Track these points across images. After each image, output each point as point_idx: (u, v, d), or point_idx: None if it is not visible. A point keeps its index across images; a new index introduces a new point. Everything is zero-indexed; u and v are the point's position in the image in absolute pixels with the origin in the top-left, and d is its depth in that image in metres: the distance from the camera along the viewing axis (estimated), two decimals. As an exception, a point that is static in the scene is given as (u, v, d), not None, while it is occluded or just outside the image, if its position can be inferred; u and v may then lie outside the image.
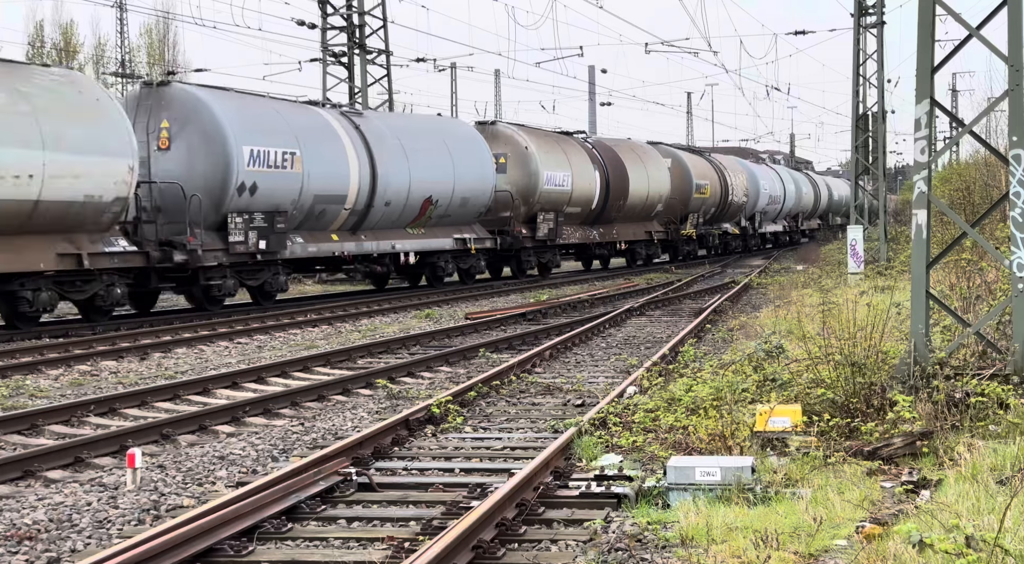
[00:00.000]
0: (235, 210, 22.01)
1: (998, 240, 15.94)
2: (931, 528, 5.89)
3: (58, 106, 18.63)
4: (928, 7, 9.80)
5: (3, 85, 17.99)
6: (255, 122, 22.92)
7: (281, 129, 23.45)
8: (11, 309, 18.52)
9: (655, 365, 13.17)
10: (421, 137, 28.35)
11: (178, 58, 65.55)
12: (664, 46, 47.34)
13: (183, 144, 21.89)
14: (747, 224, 51.38)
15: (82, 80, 20.33)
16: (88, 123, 19.02)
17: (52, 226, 18.42)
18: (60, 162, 18.28)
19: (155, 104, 22.21)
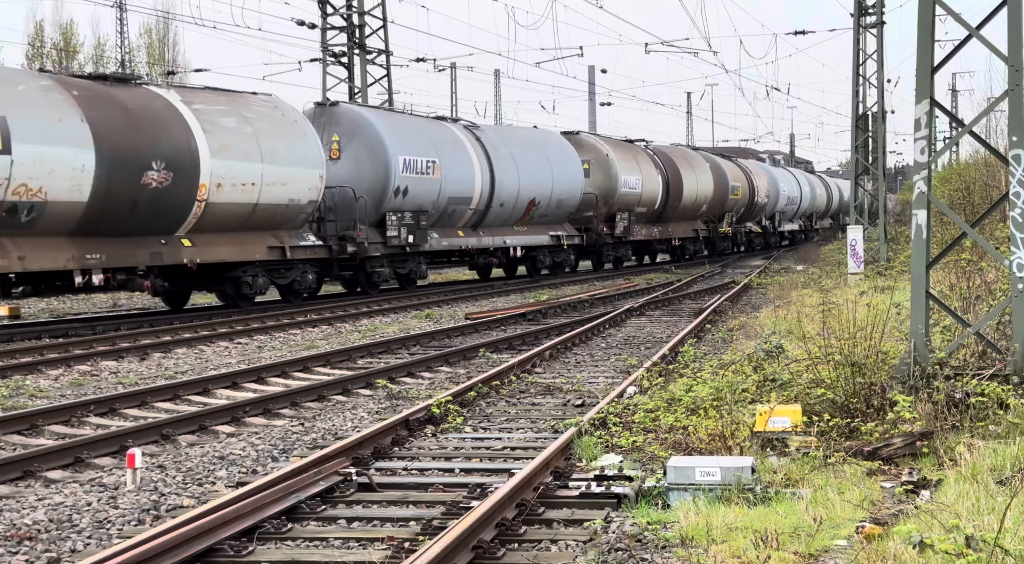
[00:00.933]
0: (391, 209, 26.86)
1: (998, 240, 15.94)
2: (931, 528, 5.89)
3: (270, 127, 23.38)
4: (928, 7, 9.80)
5: (233, 112, 22.63)
6: (405, 135, 27.85)
7: (424, 141, 28.30)
8: (236, 291, 23.46)
9: (655, 365, 13.17)
10: (526, 147, 32.93)
11: (178, 58, 65.60)
12: (664, 46, 47.40)
13: (351, 155, 26.65)
14: (768, 223, 55.57)
15: (283, 105, 25.00)
16: (290, 140, 23.85)
17: (264, 224, 23.34)
18: (273, 172, 23.01)
19: (327, 121, 26.81)
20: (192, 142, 21.29)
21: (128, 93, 20.95)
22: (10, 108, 18.03)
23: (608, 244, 37.79)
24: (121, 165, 19.76)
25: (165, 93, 21.95)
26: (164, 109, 21.24)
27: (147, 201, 20.34)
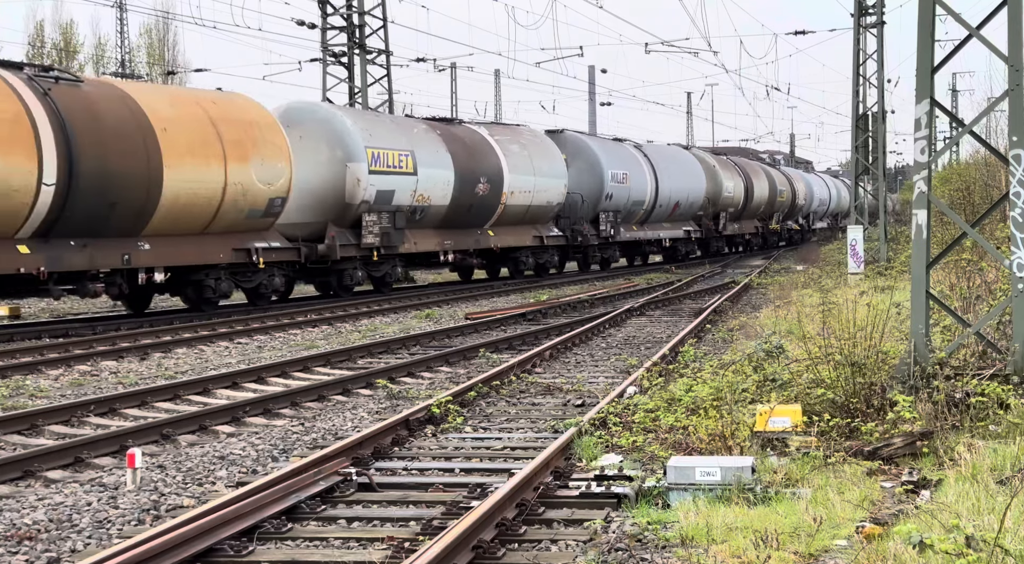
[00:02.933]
0: (602, 210, 36.89)
1: (998, 240, 15.94)
2: (931, 528, 5.89)
3: (535, 150, 33.65)
4: (928, 7, 9.80)
5: (515, 140, 33.16)
6: (609, 154, 38.00)
7: (622, 157, 38.94)
8: (515, 267, 33.81)
9: (655, 365, 13.17)
10: (670, 161, 42.97)
11: (178, 58, 65.58)
12: (664, 46, 47.47)
13: (575, 169, 35.79)
14: (803, 222, 64.46)
15: (538, 132, 35.91)
16: (547, 159, 34.05)
17: (531, 220, 33.46)
18: (540, 183, 33.25)
19: (558, 144, 35.82)
20: (498, 163, 31.28)
21: (462, 130, 31.43)
22: (415, 145, 27.93)
23: (714, 237, 47.87)
24: (465, 180, 29.44)
25: (479, 129, 32.46)
26: (482, 141, 31.43)
27: (477, 204, 30.30)
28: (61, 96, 18.96)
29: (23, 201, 18.03)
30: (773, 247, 56.31)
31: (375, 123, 27.67)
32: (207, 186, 21.34)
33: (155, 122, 20.50)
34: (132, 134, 19.99)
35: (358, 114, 28.49)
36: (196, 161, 21.12)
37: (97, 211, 19.34)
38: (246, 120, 22.84)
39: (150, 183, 20.17)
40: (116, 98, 20.26)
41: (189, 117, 21.45)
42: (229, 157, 21.79)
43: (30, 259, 18.37)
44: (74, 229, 19.13)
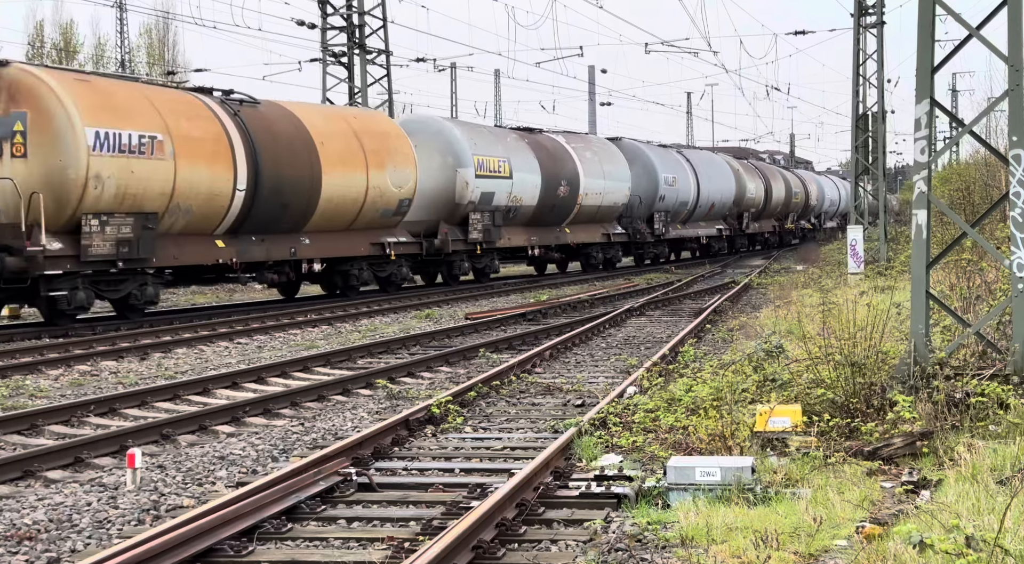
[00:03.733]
0: (656, 210, 40.77)
1: (998, 240, 15.94)
2: (931, 528, 5.89)
3: (604, 156, 37.96)
4: (928, 7, 9.80)
5: (588, 148, 37.20)
6: (662, 158, 42.21)
7: (671, 162, 43.05)
8: (586, 261, 37.99)
9: (655, 365, 13.16)
10: (708, 165, 46.94)
11: (178, 58, 65.58)
12: (664, 46, 47.49)
13: (633, 172, 39.32)
14: (815, 221, 68.34)
15: (604, 140, 40.77)
16: (614, 165, 38.33)
17: (600, 219, 37.90)
18: (608, 186, 37.30)
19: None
20: (575, 168, 35.31)
21: (544, 139, 35.48)
22: (510, 153, 31.98)
23: (739, 235, 51.77)
24: (549, 183, 33.53)
25: (557, 137, 36.72)
26: (561, 148, 35.66)
27: (558, 205, 34.51)
28: (247, 116, 22.91)
29: (223, 204, 21.81)
30: (787, 244, 60.37)
31: (478, 133, 31.63)
32: (353, 189, 25.29)
33: (315, 136, 24.32)
34: (299, 147, 23.83)
35: (465, 126, 32.14)
36: (345, 169, 24.96)
37: (274, 211, 23.10)
38: (381, 132, 26.83)
39: (312, 188, 24.00)
40: (285, 116, 24.20)
41: (339, 131, 25.39)
42: (370, 165, 25.73)
43: (225, 251, 22.16)
44: (255, 227, 22.90)
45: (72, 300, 19.11)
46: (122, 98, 20.32)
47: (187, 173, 20.85)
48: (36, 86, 19.07)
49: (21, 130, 18.87)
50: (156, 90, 22.22)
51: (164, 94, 22.00)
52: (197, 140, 21.20)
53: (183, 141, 20.84)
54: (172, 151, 20.57)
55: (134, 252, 19.72)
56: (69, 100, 19.05)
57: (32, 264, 18.18)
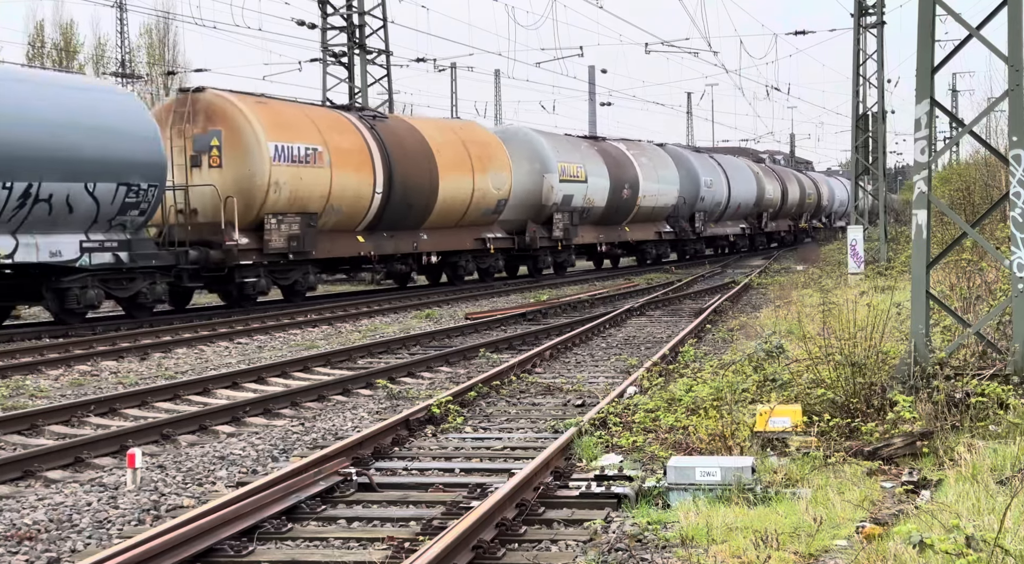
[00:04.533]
0: (697, 210, 44.88)
1: (998, 240, 15.94)
2: (931, 528, 5.89)
3: (657, 162, 42.05)
4: (928, 7, 9.80)
5: (642, 153, 41.40)
6: (702, 162, 46.49)
7: (708, 165, 47.23)
8: (641, 256, 42.47)
9: (655, 365, 13.17)
10: (735, 168, 50.74)
11: (178, 58, 65.52)
12: (664, 46, 47.49)
13: (679, 176, 43.25)
14: (826, 220, 71.85)
15: (654, 146, 44.38)
16: (664, 168, 42.44)
17: (653, 218, 41.74)
18: (661, 188, 41.54)
19: None
20: (635, 172, 39.35)
21: (608, 146, 39.55)
22: (585, 159, 35.96)
23: (759, 233, 55.39)
24: (615, 187, 37.60)
25: (618, 144, 40.67)
26: (623, 154, 39.57)
27: (621, 206, 38.42)
28: (380, 129, 26.91)
29: (364, 205, 25.82)
30: (801, 242, 63.00)
31: (559, 142, 36.05)
32: (462, 191, 29.27)
33: (432, 146, 28.35)
34: (420, 155, 27.80)
35: (549, 135, 36.21)
36: (456, 173, 28.95)
37: (402, 211, 27.05)
38: (482, 141, 31.04)
39: (431, 190, 28.01)
40: (407, 129, 28.50)
41: (450, 141, 29.46)
42: (475, 170, 29.77)
43: (364, 246, 26.23)
44: (387, 224, 26.86)
45: (256, 286, 23.20)
46: (289, 116, 24.35)
47: (340, 179, 24.75)
48: (228, 108, 22.95)
49: (217, 145, 22.71)
50: (312, 108, 26.22)
51: (318, 112, 26.07)
52: (346, 151, 25.14)
53: (336, 152, 24.78)
54: (329, 160, 24.53)
55: (300, 246, 23.52)
56: (255, 119, 22.97)
57: (229, 256, 22.17)
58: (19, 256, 18.31)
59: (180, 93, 23.90)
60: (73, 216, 19.15)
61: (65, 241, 19.12)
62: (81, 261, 19.29)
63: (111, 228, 19.98)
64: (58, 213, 18.85)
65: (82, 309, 19.87)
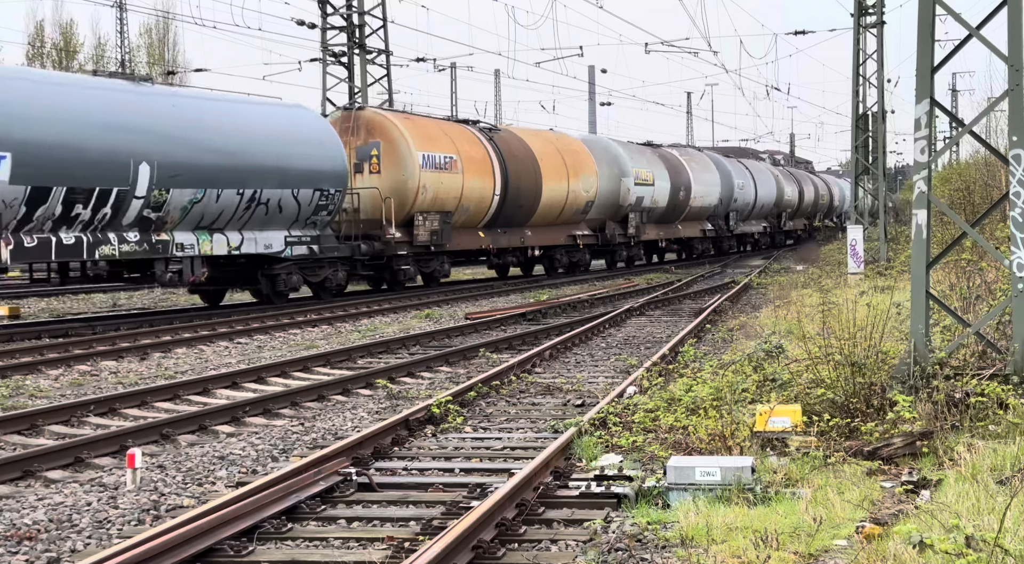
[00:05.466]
0: (730, 210, 48.53)
1: (998, 240, 15.93)
2: (931, 528, 5.89)
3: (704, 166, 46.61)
4: (928, 7, 9.80)
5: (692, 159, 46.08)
6: (735, 167, 51.05)
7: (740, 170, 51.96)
8: (690, 253, 47.22)
9: (655, 365, 13.17)
10: (759, 171, 55.57)
11: (178, 58, 65.58)
12: (664, 46, 47.48)
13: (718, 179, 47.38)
14: (837, 220, 75.94)
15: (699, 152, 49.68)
16: (709, 172, 46.44)
17: (699, 217, 46.23)
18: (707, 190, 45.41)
19: None
20: (688, 176, 43.89)
21: (666, 152, 43.88)
22: (652, 165, 40.71)
23: (778, 231, 59.50)
24: (674, 189, 42.04)
25: (672, 151, 45.22)
26: (677, 160, 43.77)
27: (678, 206, 42.89)
28: (497, 140, 31.96)
29: (486, 205, 30.62)
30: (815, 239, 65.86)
31: (632, 149, 40.69)
32: (559, 194, 34.03)
33: (536, 154, 33.29)
34: (528, 162, 32.61)
35: (624, 144, 40.66)
36: (555, 178, 33.76)
37: (514, 210, 32.02)
38: (574, 150, 36.06)
39: (536, 192, 32.81)
40: (517, 139, 33.38)
41: (549, 150, 34.34)
42: (570, 175, 34.59)
43: (484, 240, 31.10)
44: (501, 222, 31.74)
45: (407, 273, 28.02)
46: (431, 129, 29.19)
47: (469, 183, 29.42)
48: (385, 123, 27.83)
49: (376, 154, 27.46)
50: (445, 123, 31.19)
51: (448, 125, 31.06)
52: (474, 159, 29.89)
53: (467, 160, 29.45)
54: (461, 167, 29.12)
55: (439, 239, 28.06)
56: (407, 132, 27.74)
57: (388, 247, 26.95)
58: (243, 248, 22.86)
59: (344, 110, 28.51)
60: (281, 216, 23.59)
61: (274, 236, 23.60)
62: (286, 252, 23.90)
63: (306, 226, 24.53)
64: (271, 214, 23.28)
65: (286, 291, 24.59)
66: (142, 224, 20.60)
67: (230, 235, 22.49)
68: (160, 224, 20.98)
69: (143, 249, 20.70)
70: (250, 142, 22.62)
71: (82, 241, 19.58)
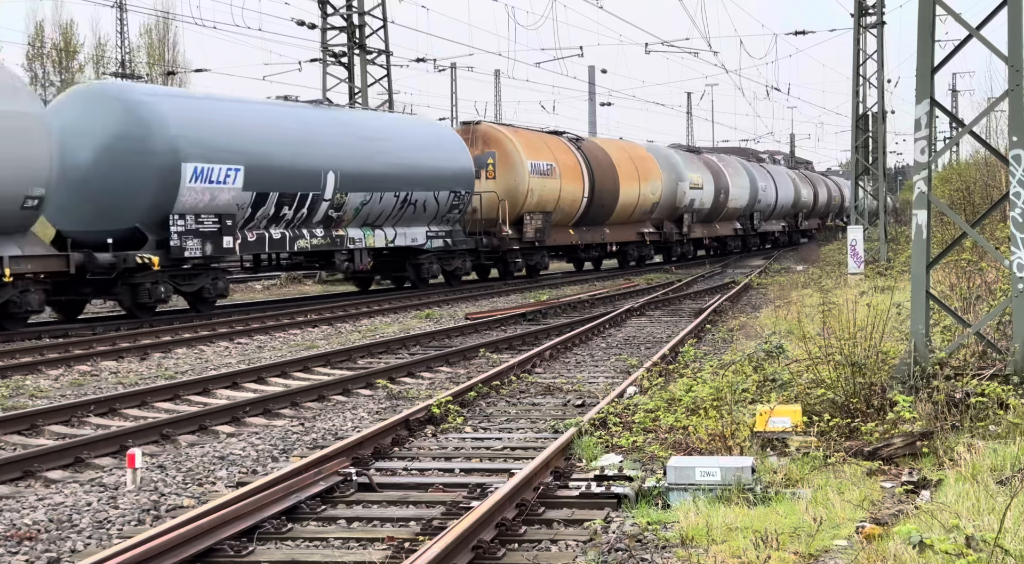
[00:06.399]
0: (755, 211, 52.79)
1: (998, 240, 15.93)
2: (931, 528, 5.89)
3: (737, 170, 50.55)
4: (928, 7, 9.80)
5: (728, 165, 49.30)
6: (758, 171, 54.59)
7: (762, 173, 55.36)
8: (723, 249, 50.60)
9: (655, 365, 13.16)
10: (779, 174, 58.83)
11: (178, 58, 65.56)
12: (664, 46, 47.50)
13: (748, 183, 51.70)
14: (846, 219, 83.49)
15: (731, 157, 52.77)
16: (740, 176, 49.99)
17: (732, 217, 49.76)
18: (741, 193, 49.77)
19: None
20: (726, 180, 47.53)
21: (707, 158, 47.71)
22: (700, 170, 45.32)
23: (795, 230, 62.91)
24: (717, 192, 46.39)
25: (712, 156, 49.41)
26: (717, 165, 47.50)
27: (718, 207, 46.85)
28: (583, 148, 36.69)
29: (576, 206, 35.12)
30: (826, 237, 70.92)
31: (684, 156, 45.17)
32: (632, 196, 38.59)
33: (615, 161, 37.75)
34: (608, 168, 37.06)
35: (680, 152, 45.42)
36: (629, 182, 38.33)
37: (597, 211, 36.57)
38: (642, 157, 40.46)
39: (614, 195, 37.33)
40: (599, 148, 38.13)
41: (624, 157, 38.80)
42: (640, 180, 39.07)
43: (574, 237, 35.66)
44: (587, 221, 36.32)
45: (517, 265, 32.88)
46: (534, 140, 33.80)
47: (565, 186, 33.90)
48: (499, 136, 32.43)
49: (492, 162, 31.84)
50: (542, 134, 35.62)
51: (546, 136, 35.43)
52: (568, 166, 34.38)
53: (563, 166, 34.00)
54: (559, 173, 33.61)
55: (541, 236, 32.76)
56: (518, 144, 32.34)
57: (503, 242, 31.52)
58: (396, 242, 27.51)
59: (463, 125, 33.11)
60: (424, 214, 28.33)
61: (418, 231, 28.39)
62: (427, 245, 28.70)
63: (442, 222, 29.28)
64: (417, 212, 28.01)
65: (427, 277, 29.09)
66: (326, 222, 25.10)
67: (387, 230, 27.28)
68: (338, 222, 25.52)
69: (327, 242, 25.16)
70: (404, 153, 27.48)
71: (285, 236, 24.03)
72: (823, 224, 70.90)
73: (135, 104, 20.99)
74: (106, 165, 20.47)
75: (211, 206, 21.68)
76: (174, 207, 20.89)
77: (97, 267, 19.78)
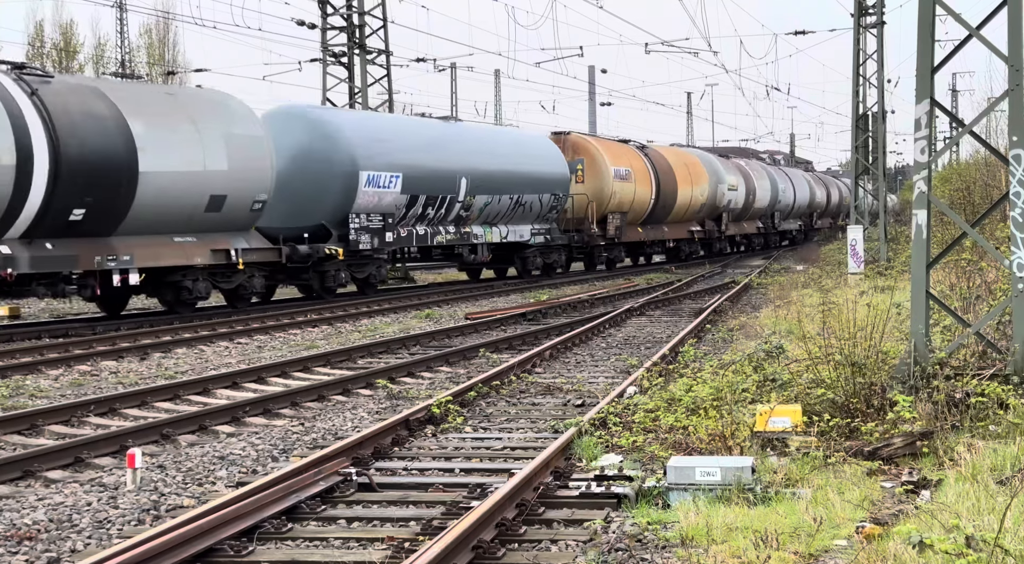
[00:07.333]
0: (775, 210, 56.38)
1: (998, 240, 15.93)
2: (931, 528, 5.89)
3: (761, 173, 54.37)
4: (928, 7, 9.80)
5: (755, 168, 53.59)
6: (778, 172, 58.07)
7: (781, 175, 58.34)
8: (748, 245, 55.62)
9: (655, 365, 13.16)
10: (796, 176, 62.29)
11: (178, 58, 65.50)
12: (664, 46, 47.53)
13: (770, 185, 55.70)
14: None
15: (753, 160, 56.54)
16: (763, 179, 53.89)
17: (754, 217, 53.87)
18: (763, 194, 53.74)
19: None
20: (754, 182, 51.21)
21: (738, 162, 49.98)
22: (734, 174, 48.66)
23: (809, 228, 65.79)
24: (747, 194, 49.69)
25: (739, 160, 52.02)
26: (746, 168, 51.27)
27: (747, 207, 50.61)
28: (649, 154, 41.03)
29: (645, 207, 39.61)
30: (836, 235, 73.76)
31: (722, 161, 48.77)
32: (686, 198, 42.76)
33: (673, 165, 41.91)
34: (669, 172, 41.41)
35: (719, 157, 49.19)
36: (683, 185, 42.50)
37: (660, 211, 41.04)
38: (692, 162, 44.54)
39: (673, 197, 41.60)
40: (659, 155, 42.10)
41: (679, 162, 42.95)
42: (693, 183, 43.39)
43: (641, 235, 40.15)
44: (652, 220, 40.80)
45: (602, 259, 38.67)
46: (614, 148, 38.47)
47: (638, 189, 38.43)
48: (587, 145, 37.27)
49: (581, 168, 36.33)
50: (617, 143, 39.92)
51: (620, 145, 39.72)
52: (639, 171, 38.85)
53: (636, 172, 38.43)
54: (633, 178, 38.06)
55: (619, 234, 37.30)
56: (604, 152, 37.12)
57: (591, 239, 36.27)
58: (508, 238, 32.04)
59: (555, 135, 37.12)
60: (530, 213, 32.81)
61: (524, 229, 32.92)
62: (531, 241, 33.29)
63: (543, 221, 33.71)
64: (525, 212, 32.50)
65: (531, 269, 33.76)
66: (456, 220, 29.68)
67: (501, 228, 31.74)
68: (466, 220, 30.04)
69: (457, 238, 29.83)
70: (517, 160, 31.92)
71: (427, 232, 28.60)
72: (834, 223, 73.58)
73: (321, 123, 25.82)
74: (299, 172, 24.86)
75: (378, 207, 26.16)
76: (352, 207, 25.35)
77: (298, 257, 23.81)
